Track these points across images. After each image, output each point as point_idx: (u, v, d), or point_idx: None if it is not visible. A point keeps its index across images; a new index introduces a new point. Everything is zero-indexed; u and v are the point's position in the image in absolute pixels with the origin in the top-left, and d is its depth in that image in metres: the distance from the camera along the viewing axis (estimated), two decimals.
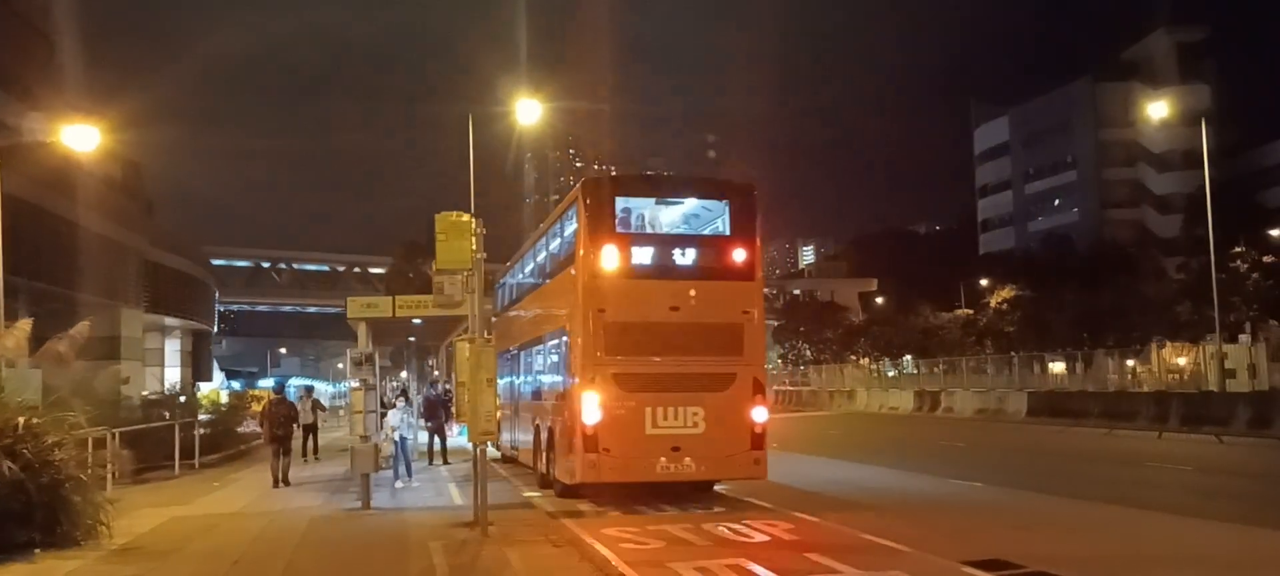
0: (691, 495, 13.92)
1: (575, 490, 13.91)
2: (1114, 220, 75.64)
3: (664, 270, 13.80)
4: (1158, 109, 51.32)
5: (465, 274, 11.29)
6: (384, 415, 17.34)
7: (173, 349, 57.85)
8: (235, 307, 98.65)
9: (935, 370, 51.74)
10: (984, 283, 67.19)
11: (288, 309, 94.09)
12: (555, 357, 15.22)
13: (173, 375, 56.11)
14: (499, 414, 23.98)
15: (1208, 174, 37.69)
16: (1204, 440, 22.88)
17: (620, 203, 14.01)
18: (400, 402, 17.66)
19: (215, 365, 72.35)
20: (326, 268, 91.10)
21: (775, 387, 63.18)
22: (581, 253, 13.55)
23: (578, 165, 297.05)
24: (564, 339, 14.28)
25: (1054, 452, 21.98)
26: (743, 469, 13.68)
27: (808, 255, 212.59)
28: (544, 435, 15.73)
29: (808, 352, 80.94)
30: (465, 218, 10.95)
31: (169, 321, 53.05)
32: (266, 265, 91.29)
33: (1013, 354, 48.22)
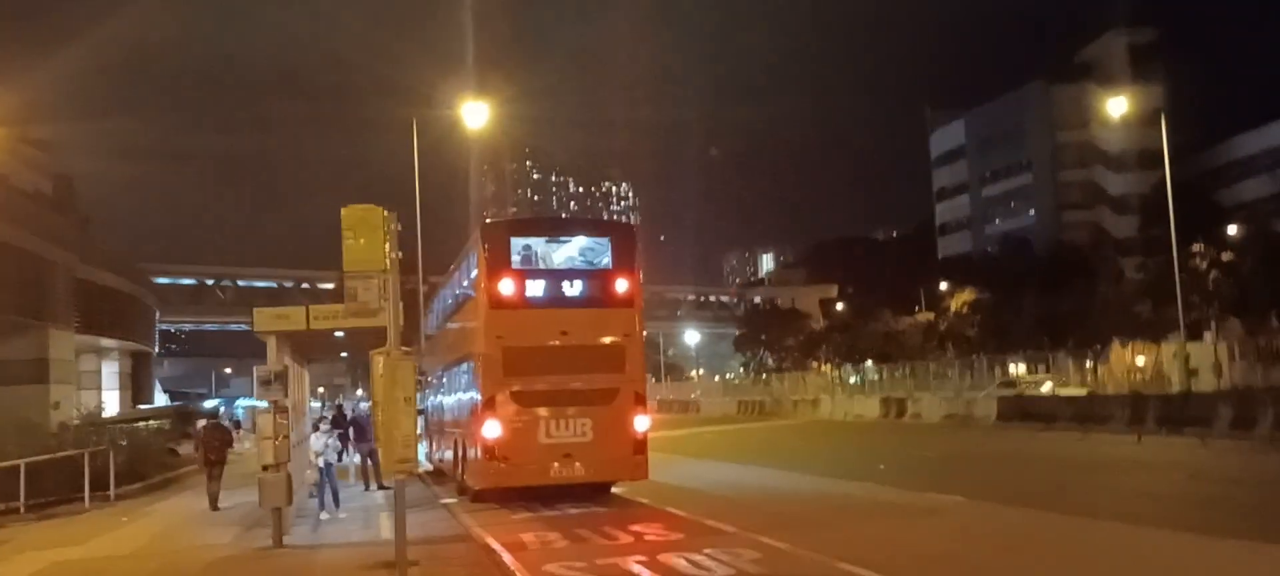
0: (591, 496, 15.62)
1: (482, 494, 15.90)
2: (1071, 222, 75.88)
3: (555, 300, 15.73)
4: (1118, 104, 51.10)
5: (381, 277, 9.80)
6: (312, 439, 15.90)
7: (110, 371, 55.38)
8: (184, 327, 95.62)
9: (896, 375, 50.93)
10: (944, 286, 66.93)
11: (235, 327, 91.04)
12: (466, 378, 16.95)
13: (111, 398, 53.80)
14: (429, 429, 23.91)
15: (1169, 171, 37.31)
16: (1185, 443, 21.87)
17: (516, 242, 15.85)
18: (324, 426, 16.08)
19: (157, 387, 69.71)
20: (273, 284, 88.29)
21: (738, 398, 62.29)
22: (483, 286, 15.44)
23: (535, 176, 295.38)
24: (472, 362, 16.11)
25: (1032, 460, 20.78)
26: (627, 471, 15.76)
27: (767, 263, 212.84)
28: (459, 447, 17.92)
29: (769, 360, 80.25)
30: (378, 211, 9.45)
31: (105, 342, 50.69)
32: (211, 282, 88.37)
33: (974, 357, 47.61)
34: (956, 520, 13.02)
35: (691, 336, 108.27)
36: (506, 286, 15.38)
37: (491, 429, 15.07)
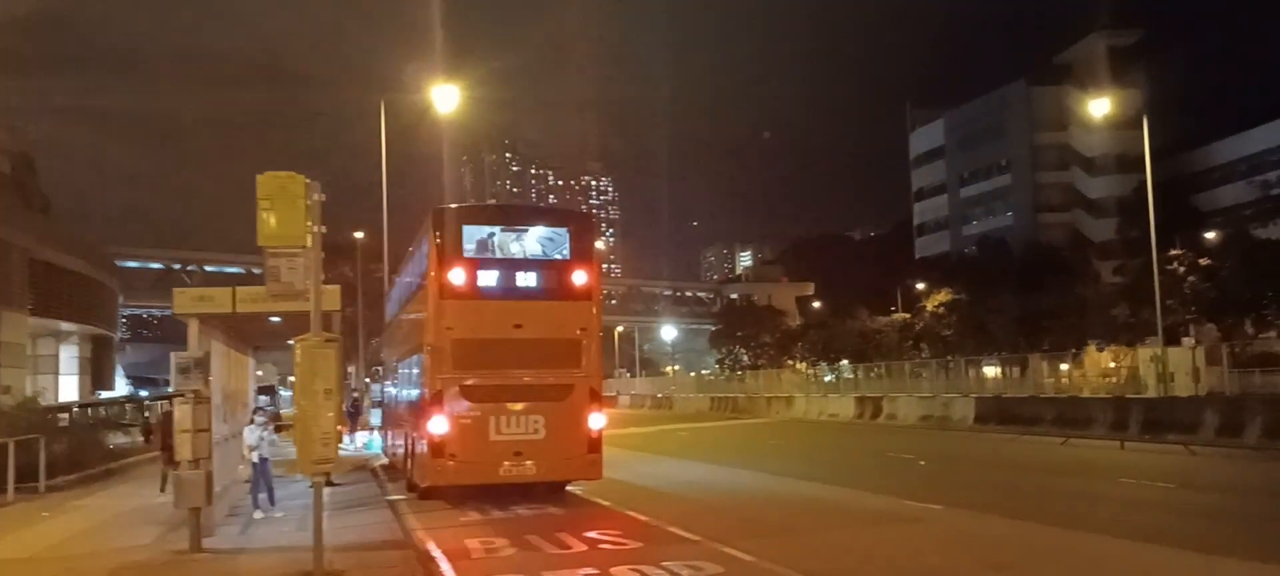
0: (546, 496, 14.89)
1: (430, 492, 15.11)
2: (1048, 223, 75.60)
3: (509, 291, 14.98)
4: (1101, 105, 50.57)
5: (305, 255, 8.74)
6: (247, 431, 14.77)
7: (69, 355, 53.77)
8: (154, 313, 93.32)
9: (872, 374, 50.21)
10: (921, 286, 66.51)
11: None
12: (417, 370, 16.09)
13: (70, 384, 52.23)
14: (386, 422, 23.06)
15: (1150, 175, 36.75)
16: (1171, 450, 21.12)
17: (468, 230, 15.13)
18: (258, 417, 14.95)
19: (119, 373, 67.98)
20: (241, 270, 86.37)
21: (711, 394, 61.50)
22: (433, 275, 14.74)
23: (515, 168, 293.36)
24: (422, 354, 15.29)
25: (1015, 465, 19.86)
26: (581, 470, 15.07)
27: (745, 260, 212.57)
28: (409, 442, 17.09)
29: (744, 357, 79.62)
30: (299, 180, 8.38)
31: (64, 326, 49.15)
32: (177, 267, 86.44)
33: (949, 358, 47.01)
34: (938, 530, 12.13)
35: (668, 332, 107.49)
36: (457, 276, 14.67)
37: (439, 424, 14.40)
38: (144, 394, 52.43)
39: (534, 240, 15.48)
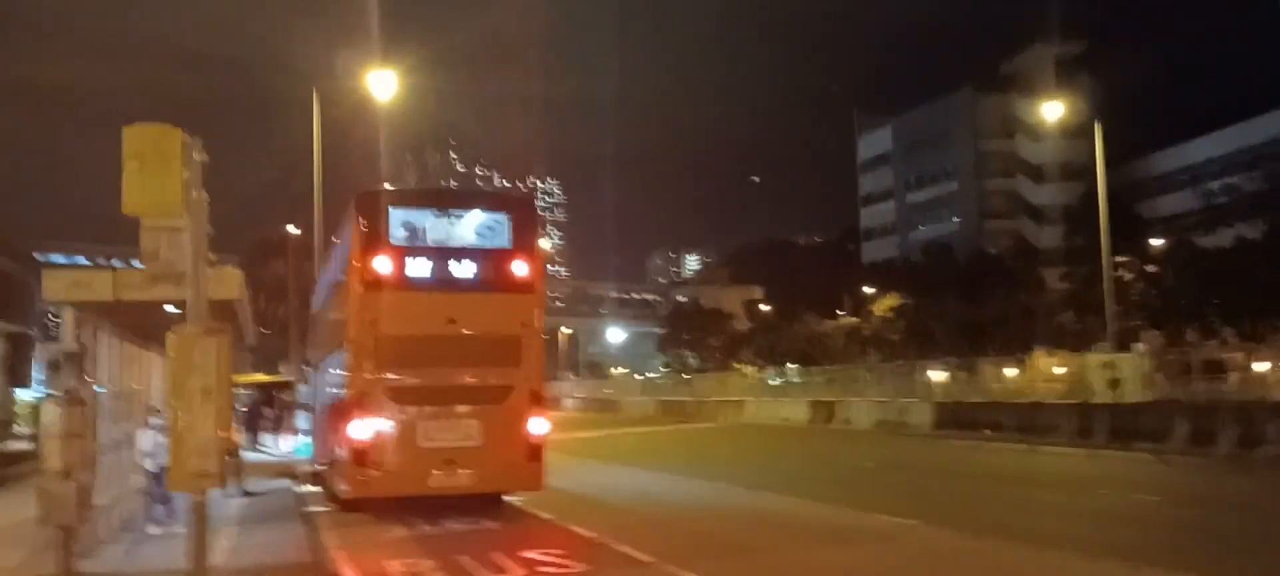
0: (483, 509, 13.60)
1: (353, 504, 13.65)
2: (993, 230, 75.98)
3: (441, 283, 13.53)
4: (1054, 109, 50.56)
5: (187, 227, 7.25)
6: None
7: None
8: None
9: (820, 378, 49.48)
10: (869, 291, 66.34)
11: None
12: (340, 370, 14.56)
13: None
14: (314, 426, 21.44)
15: (1102, 181, 36.51)
16: (1140, 459, 20.34)
17: (396, 215, 13.71)
18: (155, 420, 13.27)
19: (38, 372, 64.66)
20: None
21: (659, 398, 60.38)
22: (355, 265, 13.38)
23: (459, 168, 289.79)
24: (344, 352, 13.83)
25: (985, 476, 18.84)
26: (520, 480, 13.75)
27: (692, 263, 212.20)
28: (330, 448, 15.60)
29: (692, 360, 78.88)
30: (175, 134, 6.87)
31: None
32: (102, 261, 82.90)
33: (897, 362, 46.51)
34: (914, 550, 11.00)
35: (615, 334, 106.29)
36: (383, 265, 13.17)
37: (361, 429, 12.91)
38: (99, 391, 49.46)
39: (470, 227, 14.06)
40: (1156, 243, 51.69)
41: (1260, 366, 28.45)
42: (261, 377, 37.32)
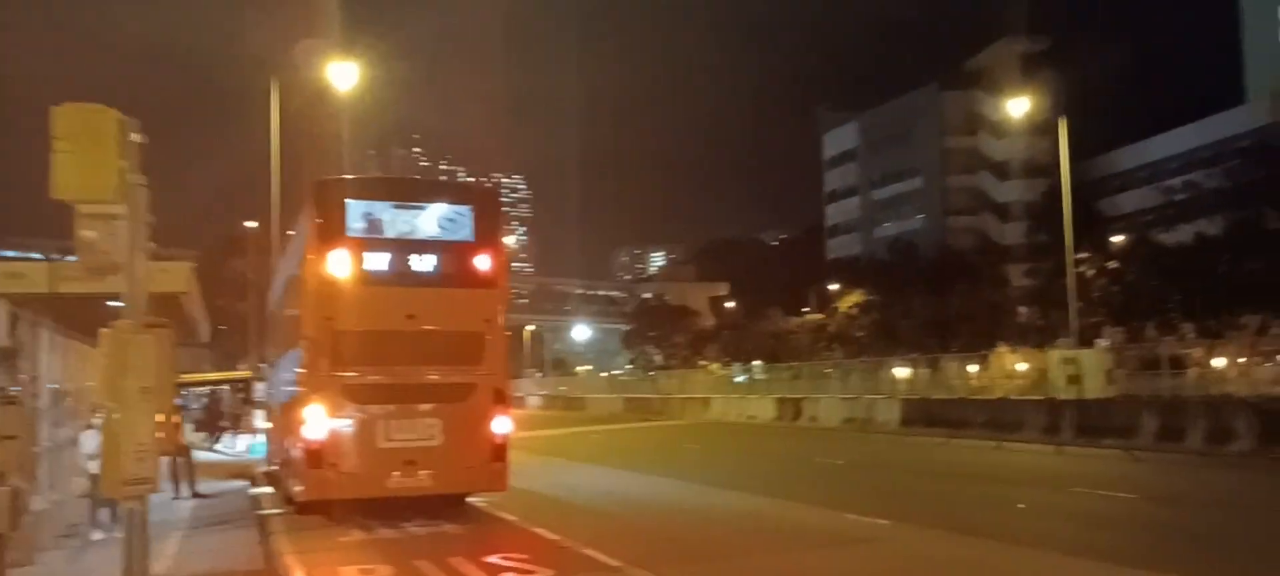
0: (443, 510, 13.09)
1: (308, 507, 13.12)
2: (957, 227, 76.43)
3: (401, 276, 13.03)
4: (1020, 105, 50.85)
5: (124, 215, 6.73)
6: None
7: None
8: None
9: (787, 375, 49.37)
10: (834, 288, 66.46)
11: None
12: (295, 367, 13.97)
13: None
14: (270, 426, 20.88)
15: (1067, 178, 36.69)
16: (1110, 455, 20.25)
17: (354, 206, 13.12)
18: (99, 421, 12.65)
19: None
20: None
21: (625, 395, 59.95)
22: (310, 258, 12.98)
23: (424, 164, 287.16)
24: (299, 348, 13.37)
25: (955, 473, 18.61)
26: (483, 481, 13.35)
27: (658, 260, 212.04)
28: (285, 448, 15.14)
29: (657, 357, 78.67)
30: (110, 114, 6.36)
31: None
32: (56, 257, 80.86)
33: (862, 359, 46.53)
34: (894, 553, 10.72)
35: (580, 331, 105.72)
36: (340, 258, 12.64)
37: (316, 429, 12.42)
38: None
39: (432, 219, 13.55)
40: (1117, 239, 52.25)
41: (1219, 362, 28.62)
42: (218, 376, 36.54)
